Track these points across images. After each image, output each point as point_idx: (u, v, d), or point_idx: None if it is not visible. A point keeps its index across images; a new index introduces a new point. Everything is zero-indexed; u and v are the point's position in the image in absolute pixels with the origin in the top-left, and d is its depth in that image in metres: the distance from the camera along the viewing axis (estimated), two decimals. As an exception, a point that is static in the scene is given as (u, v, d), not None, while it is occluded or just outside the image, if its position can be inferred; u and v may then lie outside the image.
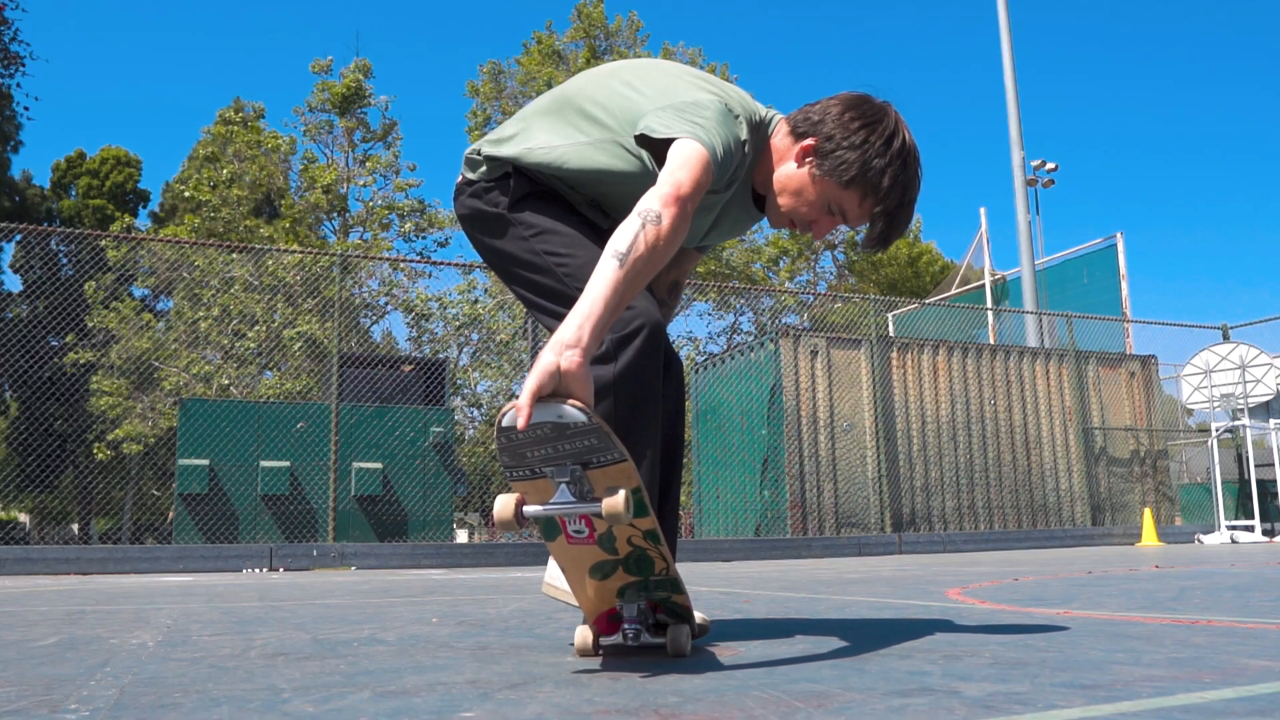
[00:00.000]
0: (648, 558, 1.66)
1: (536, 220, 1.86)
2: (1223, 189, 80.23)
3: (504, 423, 1.46)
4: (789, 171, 1.85)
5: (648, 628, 1.77)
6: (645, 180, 1.77)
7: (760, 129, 1.88)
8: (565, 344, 1.45)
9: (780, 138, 1.88)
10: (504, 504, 1.53)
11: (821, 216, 1.85)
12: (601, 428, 1.45)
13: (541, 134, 1.90)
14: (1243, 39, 75.77)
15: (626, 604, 1.73)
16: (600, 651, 1.79)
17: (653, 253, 1.54)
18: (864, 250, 1.90)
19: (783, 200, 1.86)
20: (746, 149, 1.82)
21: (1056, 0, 67.51)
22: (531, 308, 1.90)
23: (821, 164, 1.81)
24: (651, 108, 1.79)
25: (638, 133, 1.78)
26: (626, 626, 1.74)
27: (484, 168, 1.93)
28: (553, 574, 1.93)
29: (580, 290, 1.56)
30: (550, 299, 1.83)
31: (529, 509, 1.55)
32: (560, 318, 1.67)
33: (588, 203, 1.92)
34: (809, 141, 1.82)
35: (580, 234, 1.85)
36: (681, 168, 1.63)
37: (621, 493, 1.47)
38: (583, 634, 1.77)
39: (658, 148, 1.74)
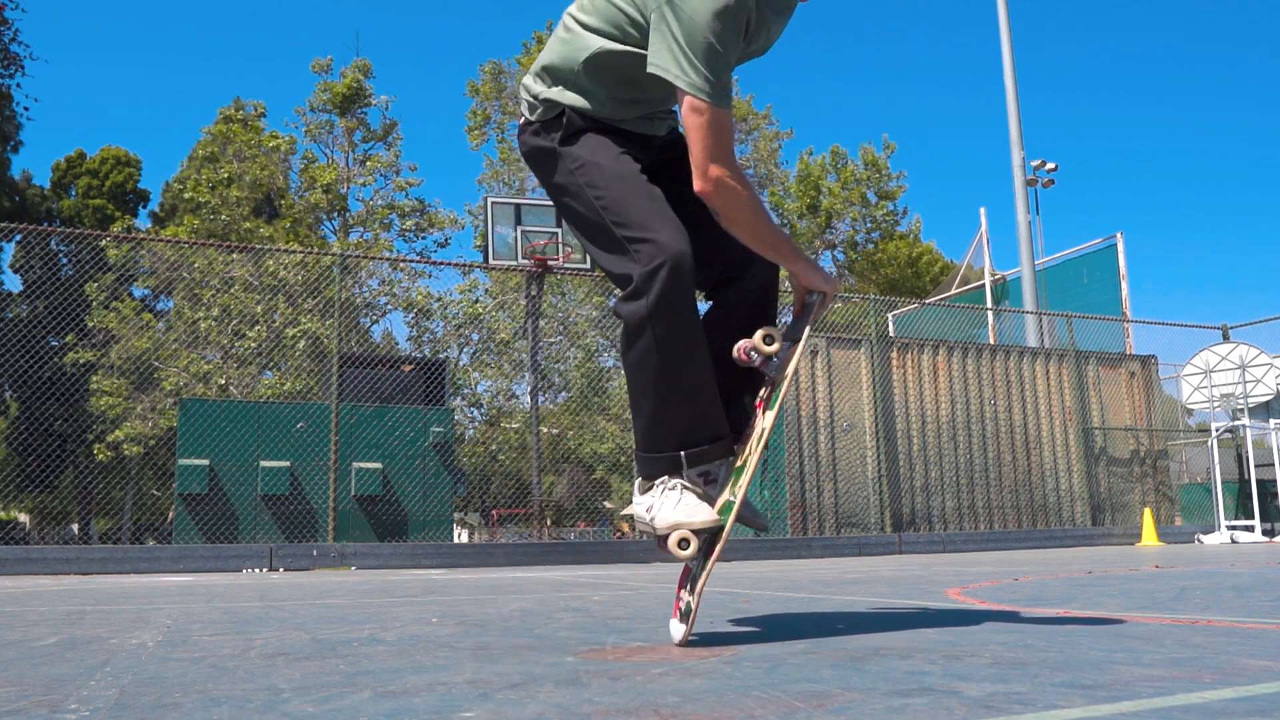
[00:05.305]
0: (743, 468, 1.99)
1: (581, 153, 1.98)
2: (1223, 189, 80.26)
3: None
4: None
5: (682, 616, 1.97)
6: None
7: None
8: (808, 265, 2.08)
9: None
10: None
11: None
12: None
13: (588, 36, 1.95)
14: (1243, 39, 75.79)
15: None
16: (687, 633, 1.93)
17: (747, 197, 1.85)
18: None
19: None
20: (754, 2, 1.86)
21: (1057, 1, 67.52)
22: (578, 235, 2.01)
23: None
24: None
25: (650, 69, 1.83)
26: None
27: (540, 109, 2.03)
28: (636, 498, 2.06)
29: (615, 221, 1.86)
30: (588, 228, 1.96)
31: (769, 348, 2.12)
32: (597, 245, 1.92)
33: (634, 121, 2.02)
34: None
35: (619, 169, 1.94)
36: (702, 150, 1.80)
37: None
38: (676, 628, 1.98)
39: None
